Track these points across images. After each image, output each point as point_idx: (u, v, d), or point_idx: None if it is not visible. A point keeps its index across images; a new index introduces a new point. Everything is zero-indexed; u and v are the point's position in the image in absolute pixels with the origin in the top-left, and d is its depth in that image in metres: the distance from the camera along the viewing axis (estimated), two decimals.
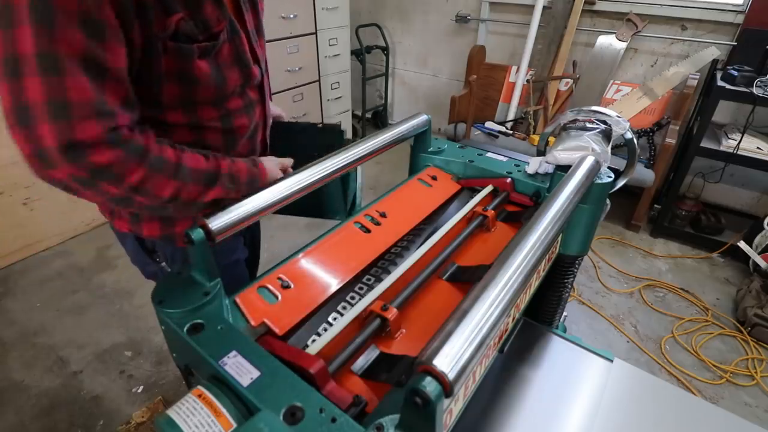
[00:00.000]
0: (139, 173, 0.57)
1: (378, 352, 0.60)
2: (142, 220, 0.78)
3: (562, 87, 2.70)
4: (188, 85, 0.66)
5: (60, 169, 0.53)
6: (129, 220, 0.79)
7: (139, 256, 0.88)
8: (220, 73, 0.69)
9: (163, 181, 0.60)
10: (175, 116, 0.69)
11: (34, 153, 0.52)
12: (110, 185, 0.56)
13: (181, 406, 0.46)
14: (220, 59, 0.68)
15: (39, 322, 1.87)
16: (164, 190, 0.60)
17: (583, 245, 0.83)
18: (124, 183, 0.57)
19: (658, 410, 0.74)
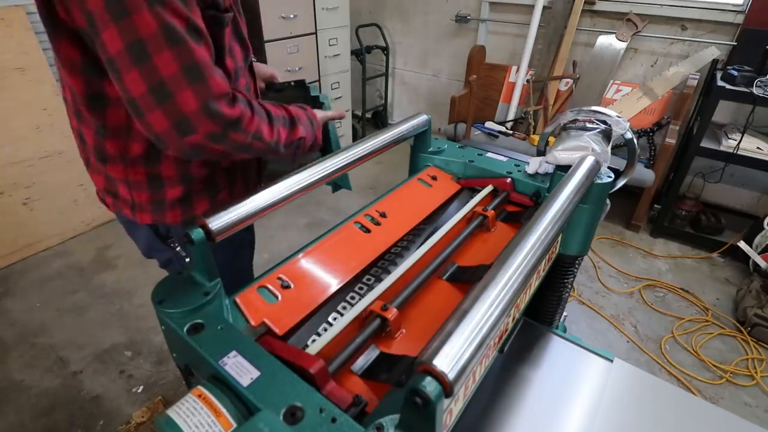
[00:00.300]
0: (254, 121, 0.66)
1: (378, 352, 0.60)
2: (166, 208, 0.82)
3: (562, 87, 2.71)
4: (221, 55, 0.72)
5: (199, 130, 0.60)
6: (152, 211, 0.82)
7: (154, 244, 0.90)
8: (230, 45, 0.74)
9: (266, 126, 0.69)
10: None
11: (174, 125, 0.59)
12: (237, 134, 0.64)
13: (181, 406, 0.46)
14: (227, 31, 0.73)
15: (39, 322, 1.87)
16: (270, 134, 0.70)
17: (583, 245, 0.83)
18: (247, 131, 0.65)
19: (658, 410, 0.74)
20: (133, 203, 0.81)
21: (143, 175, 0.77)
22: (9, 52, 1.98)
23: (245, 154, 0.70)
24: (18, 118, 2.06)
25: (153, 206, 0.81)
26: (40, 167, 2.17)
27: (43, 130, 2.14)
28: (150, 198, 0.80)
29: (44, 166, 2.18)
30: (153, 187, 0.79)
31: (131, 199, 0.80)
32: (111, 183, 0.81)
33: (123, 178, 0.78)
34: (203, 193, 0.83)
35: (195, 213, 0.83)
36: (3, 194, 2.10)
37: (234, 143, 0.65)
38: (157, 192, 0.79)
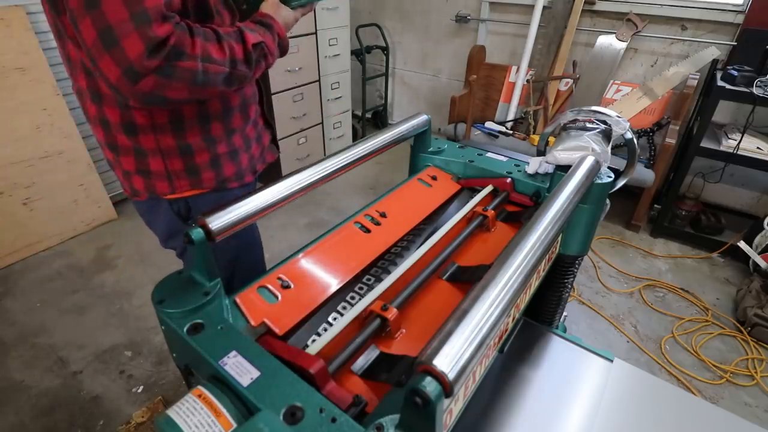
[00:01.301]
0: (197, 43, 0.66)
1: (378, 352, 0.60)
2: (201, 172, 0.87)
3: (562, 87, 2.71)
4: (203, 17, 0.75)
5: (148, 72, 0.61)
6: (188, 178, 0.87)
7: (175, 226, 0.94)
8: (217, 9, 0.78)
9: (214, 45, 0.68)
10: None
11: (124, 72, 0.61)
12: (184, 62, 0.64)
13: (181, 406, 0.46)
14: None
15: (39, 322, 1.87)
16: (220, 52, 0.69)
17: (583, 245, 0.83)
18: (193, 54, 0.65)
19: (658, 410, 0.74)
20: (168, 174, 0.86)
21: (173, 141, 0.82)
22: (9, 52, 1.98)
23: (211, 85, 0.70)
24: (18, 118, 2.07)
25: (188, 173, 0.86)
26: (40, 167, 2.17)
27: (43, 130, 2.14)
28: (184, 165, 0.85)
29: (44, 166, 2.19)
30: (184, 153, 0.84)
31: (166, 170, 0.85)
32: (143, 160, 0.84)
33: (155, 147, 0.82)
34: (227, 156, 0.90)
35: (224, 175, 0.90)
36: (3, 194, 2.10)
37: (186, 72, 0.65)
38: (188, 158, 0.85)
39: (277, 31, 0.81)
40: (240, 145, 0.92)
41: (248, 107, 0.93)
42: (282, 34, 0.82)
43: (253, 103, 0.96)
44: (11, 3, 1.98)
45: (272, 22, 0.81)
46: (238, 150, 0.92)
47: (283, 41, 0.83)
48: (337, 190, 2.87)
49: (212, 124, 0.86)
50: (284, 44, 0.84)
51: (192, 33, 0.66)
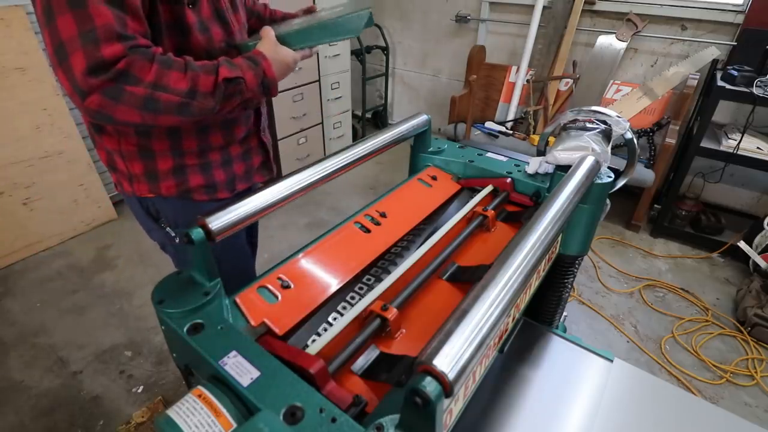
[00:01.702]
0: (152, 68, 0.65)
1: (378, 352, 0.60)
2: (160, 179, 0.86)
3: (562, 87, 2.71)
4: (182, 35, 0.76)
5: (91, 90, 0.61)
6: (147, 182, 0.87)
7: (143, 219, 0.96)
8: (204, 25, 0.78)
9: (175, 73, 0.67)
10: None
11: (72, 87, 0.62)
12: (133, 86, 0.63)
13: (181, 406, 0.46)
14: (203, 13, 0.78)
15: (39, 322, 1.87)
16: (180, 82, 0.67)
17: (583, 245, 0.83)
18: (143, 79, 0.64)
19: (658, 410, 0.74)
20: (129, 174, 0.87)
21: (134, 146, 0.83)
22: (9, 52, 1.98)
23: (163, 113, 0.68)
24: (18, 118, 2.07)
25: (147, 178, 0.86)
26: (40, 167, 2.17)
27: (43, 130, 2.14)
28: (144, 169, 0.85)
29: (44, 166, 2.19)
30: (145, 157, 0.84)
31: (127, 170, 0.86)
32: (110, 156, 0.87)
33: (117, 149, 0.84)
34: (196, 167, 0.88)
35: (189, 186, 0.89)
36: (3, 194, 2.10)
37: (132, 97, 0.64)
38: (149, 162, 0.85)
39: (263, 69, 0.78)
40: (216, 160, 0.90)
41: (234, 127, 0.91)
42: (269, 73, 0.79)
43: (241, 125, 0.93)
44: (11, 3, 1.98)
45: (261, 60, 0.78)
46: (212, 164, 0.90)
47: (268, 80, 0.79)
48: (337, 190, 2.87)
49: (183, 138, 0.85)
50: (269, 83, 0.79)
51: (152, 59, 0.65)
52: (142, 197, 0.90)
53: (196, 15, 0.76)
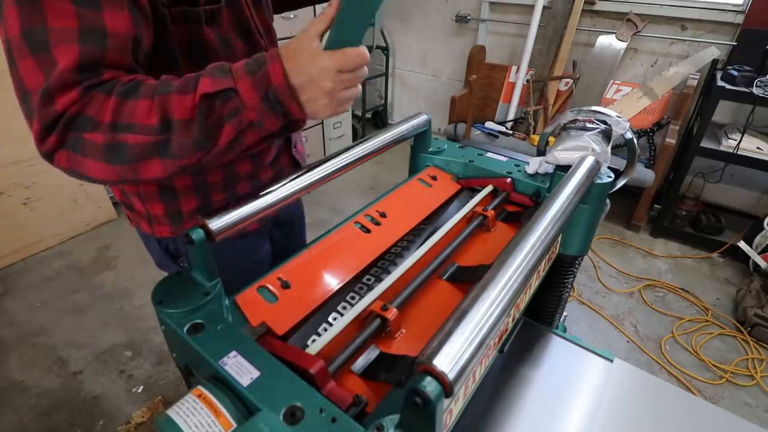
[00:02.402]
0: (109, 104, 0.49)
1: (378, 352, 0.60)
2: (184, 220, 0.77)
3: (562, 87, 2.71)
4: (200, 55, 0.63)
5: (52, 150, 0.51)
6: (169, 224, 0.78)
7: (157, 255, 0.87)
8: (227, 40, 0.66)
9: (143, 103, 0.49)
10: None
11: (35, 137, 0.51)
12: (90, 132, 0.49)
13: (181, 406, 0.46)
14: (223, 26, 0.66)
15: (39, 322, 1.87)
16: (149, 115, 0.49)
17: (583, 245, 0.83)
18: (101, 121, 0.49)
19: (658, 410, 0.74)
20: (148, 216, 0.77)
21: (155, 186, 0.73)
22: None
23: (140, 161, 0.51)
24: (18, 118, 2.05)
25: (170, 219, 0.77)
26: (40, 167, 2.17)
27: None
28: (165, 210, 0.76)
29: (44, 166, 2.18)
30: (166, 198, 0.74)
31: (146, 212, 0.77)
32: (125, 196, 0.78)
33: (134, 190, 0.75)
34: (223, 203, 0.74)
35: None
36: (3, 194, 2.10)
37: (92, 146, 0.50)
38: (171, 204, 0.75)
39: (267, 74, 0.50)
40: (244, 192, 0.79)
41: (262, 150, 0.79)
42: (276, 80, 0.50)
43: (271, 145, 0.81)
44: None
45: (267, 61, 0.51)
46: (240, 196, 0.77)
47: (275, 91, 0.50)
48: (337, 190, 2.87)
49: (207, 171, 0.74)
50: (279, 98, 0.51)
51: (111, 91, 0.50)
52: (162, 238, 0.80)
53: (216, 30, 0.64)
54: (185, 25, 0.60)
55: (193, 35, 0.62)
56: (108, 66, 0.51)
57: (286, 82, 0.50)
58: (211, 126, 0.51)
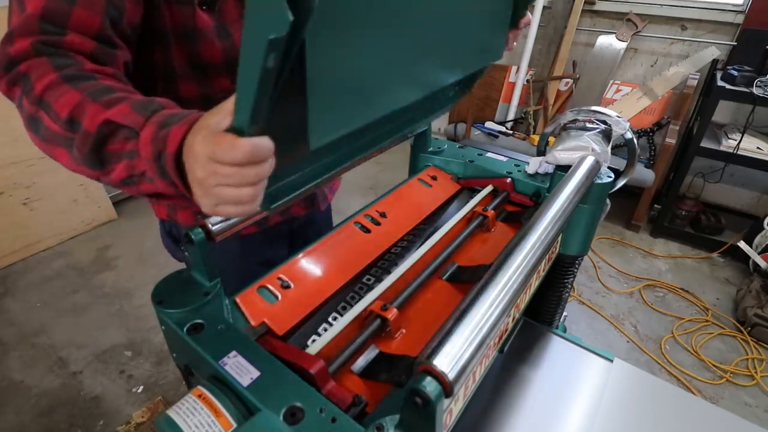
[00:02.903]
0: (47, 78, 0.48)
1: (378, 352, 0.60)
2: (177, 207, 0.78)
3: (562, 87, 2.71)
4: (194, 43, 0.62)
5: (4, 83, 0.51)
6: (166, 206, 0.79)
7: (165, 239, 0.90)
8: (226, 29, 0.63)
9: (72, 94, 0.47)
10: (189, 88, 0.67)
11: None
12: (25, 97, 0.49)
13: (181, 406, 0.46)
14: (225, 16, 0.63)
15: (39, 322, 1.87)
16: (65, 107, 0.46)
17: (583, 245, 0.83)
18: (33, 92, 0.48)
19: (658, 410, 0.74)
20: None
21: None
22: None
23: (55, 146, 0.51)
24: (18, 118, 2.05)
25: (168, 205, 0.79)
26: (40, 167, 2.17)
27: None
28: None
29: (44, 166, 2.19)
30: None
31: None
32: None
33: None
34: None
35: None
36: (3, 194, 2.10)
37: (23, 110, 0.51)
38: None
39: (167, 136, 0.42)
40: None
41: None
42: (170, 149, 0.42)
43: None
44: None
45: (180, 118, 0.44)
46: None
47: (164, 159, 0.43)
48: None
49: None
50: (165, 168, 0.43)
51: (59, 67, 0.48)
52: (161, 218, 0.82)
53: (215, 18, 0.63)
54: (178, 5, 0.58)
55: (186, 18, 0.60)
56: (74, 26, 0.50)
57: (176, 152, 0.42)
58: (106, 154, 0.47)
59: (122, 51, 0.56)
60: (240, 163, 0.37)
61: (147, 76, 0.64)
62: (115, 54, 0.54)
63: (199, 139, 0.40)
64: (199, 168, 0.40)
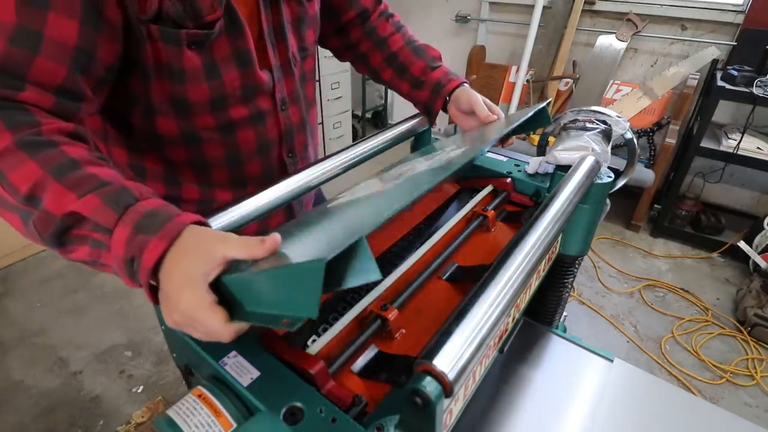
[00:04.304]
0: (2, 141, 0.43)
1: (378, 352, 0.60)
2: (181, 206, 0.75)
3: (562, 87, 2.71)
4: (178, 81, 0.59)
5: None
6: None
7: None
8: (215, 69, 0.60)
9: (30, 165, 0.43)
10: (167, 124, 0.63)
11: None
12: None
13: (181, 406, 0.46)
14: (215, 54, 0.60)
15: (39, 322, 1.87)
16: (24, 181, 0.43)
17: (583, 245, 0.83)
18: None
19: (658, 410, 0.73)
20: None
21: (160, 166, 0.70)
22: None
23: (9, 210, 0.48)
24: None
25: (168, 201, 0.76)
26: None
27: None
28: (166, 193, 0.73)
29: None
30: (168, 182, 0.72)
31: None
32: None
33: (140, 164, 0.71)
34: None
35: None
36: None
37: None
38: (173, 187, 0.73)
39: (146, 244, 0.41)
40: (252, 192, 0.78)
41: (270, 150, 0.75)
42: (147, 261, 0.41)
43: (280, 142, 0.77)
44: None
45: (162, 229, 0.42)
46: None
47: (139, 266, 0.42)
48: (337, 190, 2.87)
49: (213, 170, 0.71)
50: (137, 273, 0.42)
51: (16, 127, 0.44)
52: None
53: (205, 56, 0.59)
54: (164, 44, 0.55)
55: (172, 58, 0.56)
56: (35, 79, 0.46)
57: (152, 268, 0.42)
58: (69, 237, 0.45)
59: (87, 104, 0.52)
60: (206, 333, 0.44)
61: (125, 102, 0.61)
62: (77, 108, 0.51)
63: (188, 293, 0.40)
64: (177, 314, 0.42)
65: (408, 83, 0.91)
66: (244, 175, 0.74)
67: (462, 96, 0.86)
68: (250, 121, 0.69)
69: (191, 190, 0.72)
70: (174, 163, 0.69)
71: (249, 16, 0.63)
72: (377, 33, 0.89)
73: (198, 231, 0.44)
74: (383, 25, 0.90)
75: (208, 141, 0.67)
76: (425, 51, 0.91)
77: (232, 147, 0.70)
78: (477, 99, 0.85)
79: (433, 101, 0.90)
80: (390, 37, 0.90)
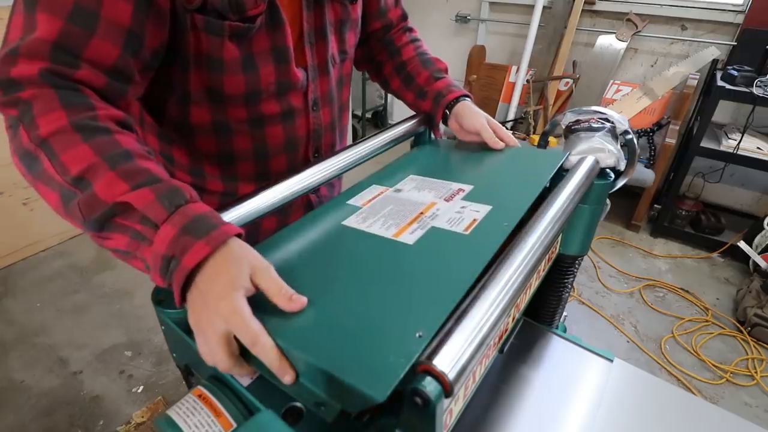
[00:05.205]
0: (55, 119, 0.44)
1: None
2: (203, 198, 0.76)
3: (562, 87, 2.71)
4: (217, 71, 0.60)
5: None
6: None
7: None
8: (252, 62, 0.62)
9: (83, 149, 0.44)
10: (201, 113, 0.65)
11: None
12: (25, 131, 0.45)
13: (181, 406, 0.46)
14: (254, 47, 0.61)
15: (39, 322, 1.87)
16: (75, 163, 0.44)
17: (583, 245, 0.83)
18: (36, 130, 0.44)
19: (658, 410, 0.73)
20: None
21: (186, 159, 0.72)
22: None
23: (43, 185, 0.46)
24: None
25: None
26: None
27: None
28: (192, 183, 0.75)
29: None
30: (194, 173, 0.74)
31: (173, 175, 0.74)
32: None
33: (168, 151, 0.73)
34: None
35: None
36: (3, 194, 2.10)
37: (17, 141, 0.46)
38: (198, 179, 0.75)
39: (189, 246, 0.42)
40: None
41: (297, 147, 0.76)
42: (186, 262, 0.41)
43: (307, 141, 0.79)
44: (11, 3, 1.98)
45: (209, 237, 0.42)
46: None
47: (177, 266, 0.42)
48: None
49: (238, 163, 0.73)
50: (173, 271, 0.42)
51: (70, 106, 0.45)
52: None
53: (244, 49, 0.60)
54: (207, 34, 0.57)
55: (213, 49, 0.58)
56: (90, 58, 0.47)
57: (190, 270, 0.42)
58: (111, 223, 0.44)
59: (135, 87, 0.54)
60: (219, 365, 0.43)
61: (162, 90, 0.63)
62: (125, 90, 0.53)
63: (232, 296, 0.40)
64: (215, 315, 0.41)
65: (413, 93, 0.92)
66: (269, 169, 0.75)
67: (464, 113, 0.85)
68: (281, 117, 0.70)
69: (215, 183, 0.74)
70: (201, 153, 0.71)
71: (292, 16, 0.65)
72: (393, 44, 0.91)
73: (241, 243, 0.45)
74: (400, 36, 0.91)
75: (237, 133, 0.69)
76: (433, 63, 0.91)
77: (259, 141, 0.71)
78: (482, 122, 0.82)
79: (434, 112, 0.90)
80: (403, 48, 0.91)
